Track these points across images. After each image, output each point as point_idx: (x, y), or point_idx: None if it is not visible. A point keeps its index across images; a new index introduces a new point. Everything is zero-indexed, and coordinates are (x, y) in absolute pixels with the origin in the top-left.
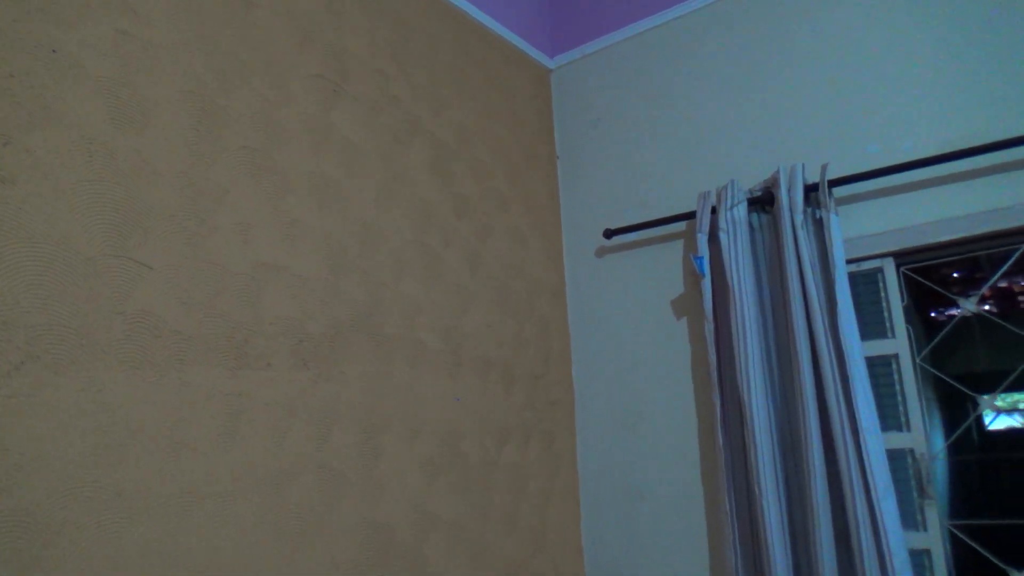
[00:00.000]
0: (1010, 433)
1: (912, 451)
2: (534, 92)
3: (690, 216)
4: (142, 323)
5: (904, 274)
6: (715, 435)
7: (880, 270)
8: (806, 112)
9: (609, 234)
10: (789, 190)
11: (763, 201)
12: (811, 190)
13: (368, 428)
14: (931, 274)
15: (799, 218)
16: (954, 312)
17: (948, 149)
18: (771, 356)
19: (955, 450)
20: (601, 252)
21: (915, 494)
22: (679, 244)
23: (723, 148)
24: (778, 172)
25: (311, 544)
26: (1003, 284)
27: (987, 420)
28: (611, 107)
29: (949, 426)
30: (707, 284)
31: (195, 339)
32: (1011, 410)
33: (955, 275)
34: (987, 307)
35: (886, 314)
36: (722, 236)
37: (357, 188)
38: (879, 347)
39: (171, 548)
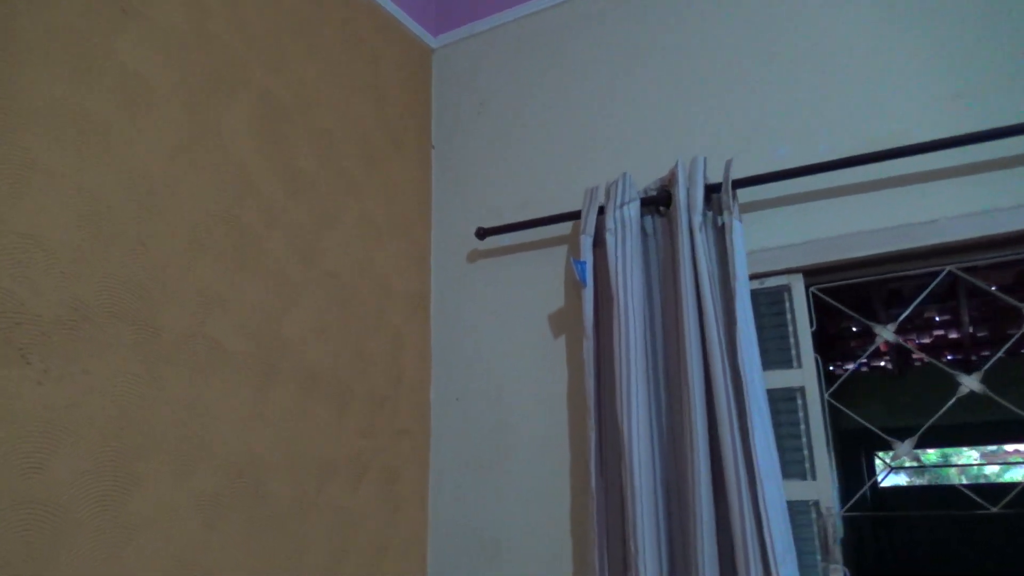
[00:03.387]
0: (901, 491)
1: (816, 504)
2: (410, 71)
3: (575, 216)
4: None
5: (814, 294)
6: (588, 477)
7: (787, 288)
8: (712, 106)
9: (482, 234)
10: (688, 187)
11: (659, 201)
12: (713, 191)
13: (119, 451)
14: (843, 299)
15: (697, 219)
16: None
17: (870, 150)
18: (659, 382)
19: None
20: (474, 256)
21: (818, 556)
22: (563, 251)
23: (618, 140)
24: (676, 166)
25: None
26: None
27: (879, 477)
28: (498, 91)
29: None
30: (588, 294)
31: None
32: (916, 467)
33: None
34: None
35: (792, 340)
36: (609, 238)
37: (144, 137)
38: (782, 378)
39: None
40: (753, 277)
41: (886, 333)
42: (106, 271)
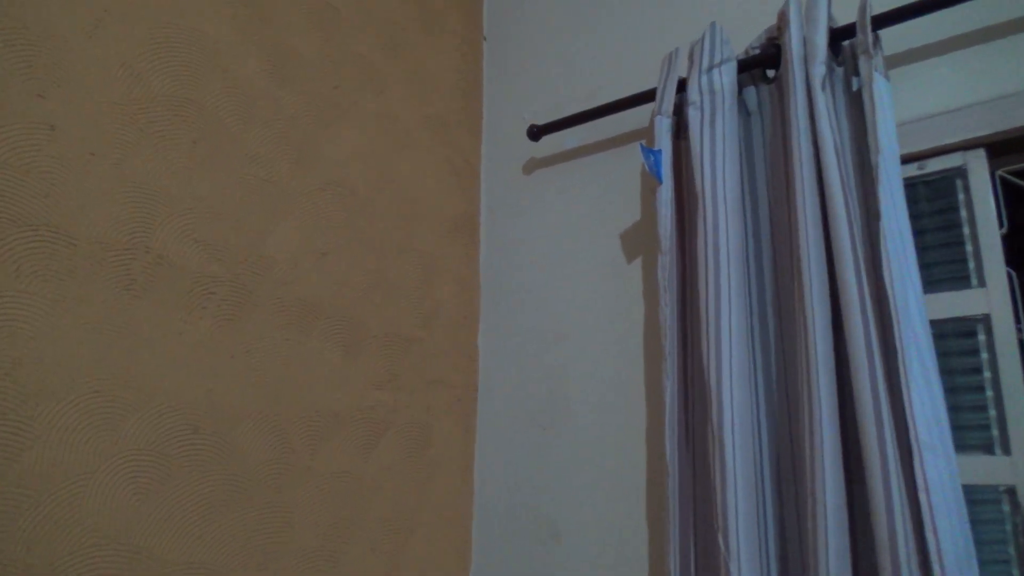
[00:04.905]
0: None
1: (1011, 492)
2: None
3: (649, 98)
4: None
5: (1003, 179)
6: (663, 444)
7: (961, 172)
8: None
9: (536, 133)
10: (805, 28)
11: (764, 63)
12: (843, 36)
13: (6, 391)
14: None
15: (819, 71)
16: None
17: None
18: (764, 313)
19: None
20: (530, 166)
21: (1015, 570)
22: (638, 150)
23: None
24: (786, 3)
25: None
26: None
27: None
28: None
29: None
30: (666, 195)
31: None
32: None
33: None
34: None
35: (969, 248)
36: (692, 115)
37: None
38: (953, 304)
39: None
40: (907, 160)
41: None
42: None
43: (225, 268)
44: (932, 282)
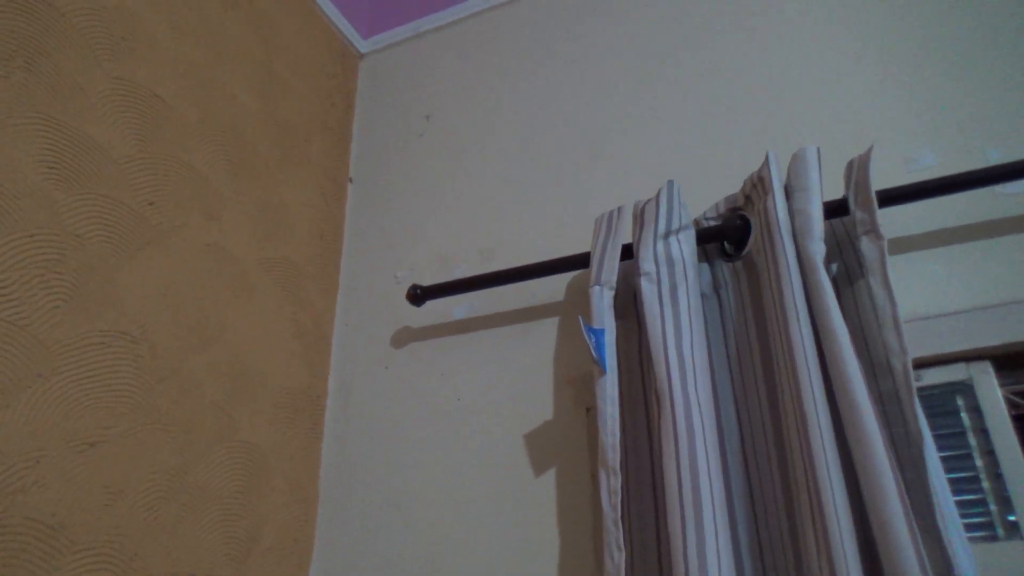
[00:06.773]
0: None
1: None
2: (327, 76)
3: (576, 264)
4: None
5: (1009, 399)
6: None
7: (963, 388)
8: (799, 97)
9: (418, 296)
10: (798, 194)
11: (725, 235)
12: (834, 212)
13: None
14: None
15: (818, 248)
16: None
17: None
18: (756, 559)
19: None
20: (402, 338)
21: None
22: (548, 327)
23: (644, 151)
24: (765, 164)
25: None
26: None
27: None
28: (453, 100)
29: None
30: (609, 387)
31: None
32: None
33: None
34: None
35: (987, 485)
36: (644, 287)
37: None
38: (984, 561)
39: None
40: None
41: None
42: None
43: None
44: None
